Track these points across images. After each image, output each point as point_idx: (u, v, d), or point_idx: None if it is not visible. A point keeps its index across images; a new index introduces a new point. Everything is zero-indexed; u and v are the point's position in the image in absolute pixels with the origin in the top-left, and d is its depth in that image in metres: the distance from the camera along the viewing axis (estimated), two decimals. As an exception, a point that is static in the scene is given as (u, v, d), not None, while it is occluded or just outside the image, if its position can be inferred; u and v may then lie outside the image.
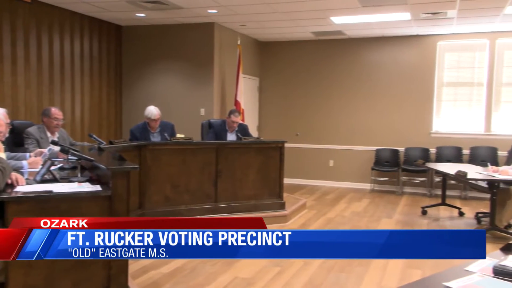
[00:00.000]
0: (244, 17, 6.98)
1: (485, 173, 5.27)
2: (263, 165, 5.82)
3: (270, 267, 4.11)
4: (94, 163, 3.16)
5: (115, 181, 2.74)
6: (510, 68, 7.73)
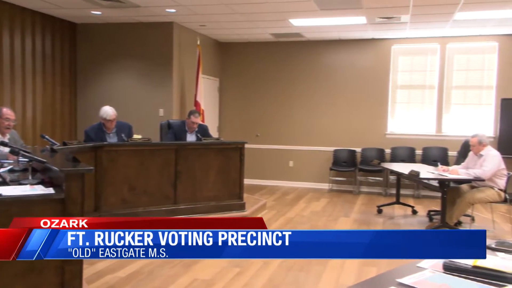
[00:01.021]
0: (203, 17, 6.95)
1: (436, 173, 5.50)
2: (223, 166, 5.81)
3: (230, 268, 4.10)
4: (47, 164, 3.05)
5: (68, 183, 2.65)
6: (459, 71, 8.10)
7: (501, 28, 7.27)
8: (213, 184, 5.74)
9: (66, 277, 2.65)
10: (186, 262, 4.25)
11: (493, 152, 5.37)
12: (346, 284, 3.71)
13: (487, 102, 7.95)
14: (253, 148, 8.89)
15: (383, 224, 5.97)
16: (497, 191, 5.30)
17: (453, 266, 1.90)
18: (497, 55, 7.82)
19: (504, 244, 2.24)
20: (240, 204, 5.90)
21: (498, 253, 2.16)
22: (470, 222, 5.99)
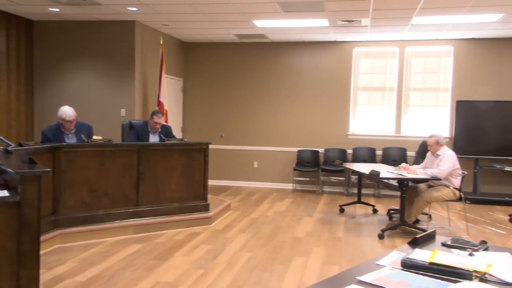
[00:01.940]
0: (166, 16, 6.86)
1: (396, 172, 5.66)
2: (187, 167, 5.76)
3: (193, 270, 4.07)
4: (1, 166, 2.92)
5: (24, 186, 2.56)
6: (417, 74, 8.37)
7: (456, 32, 7.57)
8: (176, 186, 5.68)
9: (22, 282, 2.56)
10: (148, 265, 4.19)
11: (449, 152, 5.58)
12: (309, 283, 3.75)
13: (443, 104, 8.26)
14: (218, 149, 8.87)
15: (345, 223, 6.09)
16: (452, 190, 5.51)
17: (411, 263, 1.96)
18: (452, 59, 8.14)
19: (459, 241, 2.33)
20: (204, 206, 5.86)
21: (453, 249, 2.25)
22: (427, 220, 6.20)
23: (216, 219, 5.98)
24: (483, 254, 2.17)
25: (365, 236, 5.47)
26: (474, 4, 5.72)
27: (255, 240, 5.16)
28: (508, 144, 7.62)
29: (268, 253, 4.65)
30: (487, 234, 5.62)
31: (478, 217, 6.59)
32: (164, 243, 4.92)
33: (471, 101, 7.80)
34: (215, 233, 5.39)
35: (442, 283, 1.78)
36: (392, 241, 5.23)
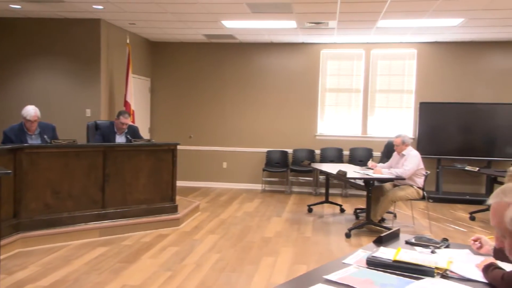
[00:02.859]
0: (132, 15, 6.75)
1: (362, 172, 5.77)
2: (155, 168, 5.68)
3: (161, 272, 4.02)
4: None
5: (-18, 189, 2.45)
6: (382, 76, 8.56)
7: (419, 36, 7.79)
8: (144, 187, 5.59)
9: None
10: (114, 268, 4.10)
11: (414, 152, 5.74)
12: (277, 283, 3.77)
13: (407, 106, 8.48)
14: (186, 150, 8.80)
15: (313, 222, 6.15)
16: (416, 189, 5.67)
17: (376, 261, 2.00)
18: (416, 61, 8.37)
19: (421, 239, 2.40)
20: (172, 207, 5.80)
21: (416, 247, 2.31)
22: (392, 219, 6.35)
23: (185, 221, 5.93)
24: (444, 251, 2.24)
25: (332, 235, 5.54)
26: (436, 9, 5.90)
27: (224, 241, 5.14)
28: (469, 145, 7.90)
29: (237, 254, 4.64)
30: (448, 231, 5.80)
31: (440, 215, 6.81)
32: (131, 246, 4.83)
33: (433, 103, 8.04)
34: (183, 235, 5.34)
35: (406, 280, 1.83)
36: (358, 240, 5.32)
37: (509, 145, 7.76)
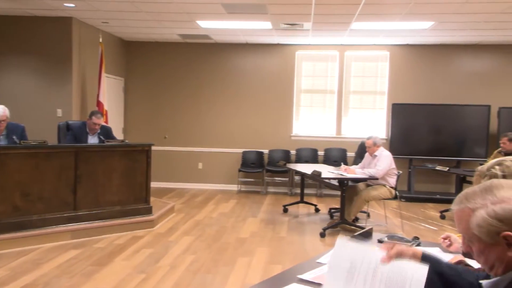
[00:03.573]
0: (105, 14, 6.63)
1: (337, 172, 5.84)
2: (129, 169, 5.60)
3: (134, 275, 3.96)
4: None
5: None
6: (356, 77, 8.69)
7: (391, 38, 7.94)
8: (117, 188, 5.50)
9: None
10: (86, 271, 4.02)
11: (386, 153, 5.84)
12: (252, 283, 3.77)
13: (380, 107, 8.63)
14: (161, 150, 8.71)
15: (288, 222, 6.19)
16: (388, 189, 5.77)
17: (349, 260, 2.02)
18: (388, 63, 8.53)
19: (393, 237, 2.45)
20: (146, 208, 5.73)
21: (388, 245, 2.35)
22: (366, 218, 6.45)
23: (159, 222, 5.87)
24: (415, 249, 2.29)
25: (307, 235, 5.59)
26: (408, 12, 6.03)
27: (199, 242, 5.11)
28: (439, 145, 8.10)
29: (212, 255, 4.62)
30: (420, 230, 5.93)
31: (412, 214, 6.95)
32: (103, 248, 4.75)
33: (405, 104, 8.21)
34: (157, 237, 5.29)
35: (378, 278, 1.86)
36: (333, 239, 5.38)
37: (478, 146, 7.99)
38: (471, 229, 1.19)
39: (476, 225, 1.17)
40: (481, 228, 1.16)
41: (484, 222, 1.15)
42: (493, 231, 1.14)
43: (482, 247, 1.18)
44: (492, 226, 1.13)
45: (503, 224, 1.12)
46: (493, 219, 1.14)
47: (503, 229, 1.13)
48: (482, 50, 8.31)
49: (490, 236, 1.15)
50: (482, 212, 1.16)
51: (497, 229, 1.13)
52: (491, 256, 1.18)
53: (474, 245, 1.21)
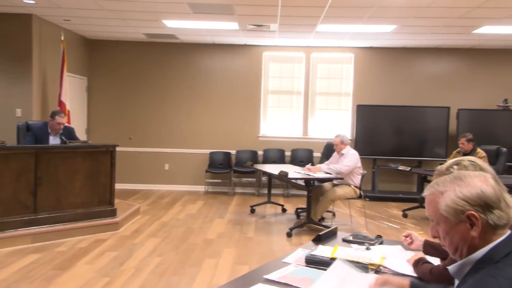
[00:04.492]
0: (67, 11, 6.45)
1: (303, 172, 5.91)
2: (92, 170, 5.47)
3: (98, 279, 3.87)
4: None
5: None
6: (322, 79, 8.81)
7: (356, 41, 8.11)
8: (80, 190, 5.36)
9: None
10: (47, 275, 3.90)
11: (352, 151, 5.97)
12: (219, 284, 3.76)
13: (345, 108, 8.78)
14: (126, 151, 8.56)
15: (255, 223, 6.20)
16: (353, 188, 5.88)
17: (314, 259, 2.06)
18: (353, 65, 8.70)
19: (357, 236, 2.50)
20: (110, 211, 5.61)
21: (352, 244, 2.40)
22: (331, 217, 6.55)
23: (124, 225, 5.76)
24: (378, 248, 2.35)
25: (274, 235, 5.62)
26: (371, 16, 6.17)
27: (165, 244, 5.05)
28: (402, 146, 8.33)
29: (179, 257, 4.58)
30: (383, 228, 6.08)
31: (376, 213, 7.11)
32: (65, 252, 4.62)
33: (369, 105, 8.39)
34: (122, 239, 5.18)
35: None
36: (299, 239, 5.44)
37: (438, 146, 8.27)
38: (439, 210, 1.30)
39: (444, 205, 1.28)
40: (448, 207, 1.27)
41: (452, 202, 1.27)
42: (459, 210, 1.25)
43: (448, 227, 1.29)
44: (458, 206, 1.25)
45: (468, 204, 1.24)
46: (460, 199, 1.26)
47: (468, 208, 1.24)
48: (441, 53, 8.61)
49: (456, 215, 1.26)
50: (450, 193, 1.28)
51: (463, 208, 1.25)
52: (456, 236, 1.28)
53: (441, 226, 1.31)
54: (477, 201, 1.24)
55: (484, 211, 1.24)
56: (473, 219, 1.24)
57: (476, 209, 1.24)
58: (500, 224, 1.25)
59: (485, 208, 1.24)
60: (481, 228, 1.24)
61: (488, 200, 1.25)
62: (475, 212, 1.24)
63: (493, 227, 1.25)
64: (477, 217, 1.24)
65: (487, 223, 1.24)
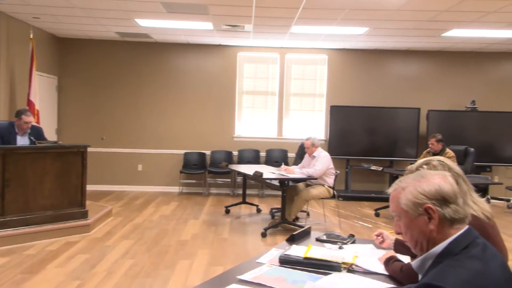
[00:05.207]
0: (36, 8, 6.29)
1: (277, 173, 5.93)
2: (63, 171, 5.34)
3: (68, 282, 3.78)
4: None
5: None
6: (296, 80, 8.87)
7: (329, 42, 8.20)
8: (50, 192, 5.23)
9: None
10: (15, 280, 3.79)
11: (324, 153, 6.02)
12: (193, 285, 3.73)
13: (319, 109, 8.87)
14: (98, 152, 8.41)
15: (230, 224, 6.19)
16: (327, 188, 5.95)
17: (288, 259, 2.07)
18: (327, 67, 8.80)
19: (330, 235, 2.52)
20: (82, 212, 5.49)
21: (325, 244, 2.42)
22: (306, 217, 6.60)
23: (96, 227, 5.65)
24: (351, 247, 2.38)
25: (249, 235, 5.62)
26: (344, 18, 6.25)
27: (138, 246, 4.98)
28: (374, 146, 8.47)
29: (152, 259, 4.52)
30: (356, 228, 6.17)
31: (349, 212, 7.21)
32: (34, 255, 4.49)
33: (343, 106, 8.50)
34: (94, 241, 5.08)
35: (315, 276, 1.91)
36: (274, 239, 5.46)
37: (409, 146, 8.44)
38: (400, 204, 1.38)
39: (405, 199, 1.36)
40: (408, 201, 1.35)
41: (412, 195, 1.35)
42: (417, 204, 1.34)
43: (408, 221, 1.37)
44: (418, 199, 1.34)
45: (426, 198, 1.33)
46: (419, 193, 1.34)
47: (425, 202, 1.33)
48: (412, 56, 8.80)
49: (415, 208, 1.34)
50: (411, 188, 1.37)
51: (421, 201, 1.33)
52: (415, 230, 1.36)
53: (402, 221, 1.39)
54: (435, 195, 1.32)
55: (441, 205, 1.32)
56: (431, 212, 1.32)
57: (433, 202, 1.32)
58: (456, 218, 1.32)
59: (442, 202, 1.32)
60: (438, 221, 1.32)
61: (445, 195, 1.32)
62: (432, 205, 1.32)
63: (450, 220, 1.32)
64: (434, 210, 1.31)
65: (444, 217, 1.32)
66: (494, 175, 8.60)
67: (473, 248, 1.28)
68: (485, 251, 1.29)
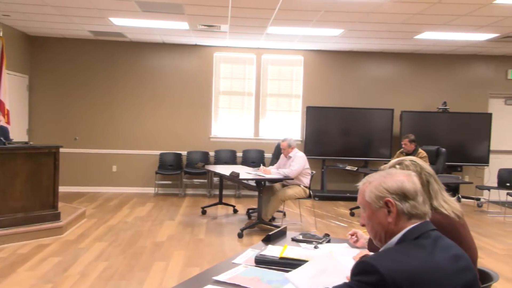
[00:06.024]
0: (6, 6, 6.11)
1: (254, 173, 5.94)
2: (34, 172, 5.22)
3: (40, 285, 3.70)
4: None
5: None
6: (273, 80, 8.90)
7: (305, 43, 8.26)
8: (20, 194, 5.10)
9: None
10: (-16, 286, 3.67)
11: (300, 154, 6.06)
12: (168, 286, 3.71)
13: (295, 109, 8.93)
14: (71, 153, 8.25)
15: (206, 224, 6.16)
16: (303, 188, 5.99)
17: (263, 259, 2.07)
18: (303, 68, 8.86)
19: (306, 235, 2.54)
20: (54, 214, 5.37)
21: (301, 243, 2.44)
22: (282, 217, 6.63)
23: (68, 229, 5.53)
24: (326, 246, 2.40)
25: (225, 236, 5.61)
26: (319, 19, 6.31)
27: (112, 248, 4.90)
28: (349, 146, 8.58)
29: (127, 261, 4.46)
30: (331, 227, 6.23)
31: (325, 212, 7.28)
32: (4, 258, 4.37)
33: (318, 107, 8.58)
34: (66, 244, 4.98)
35: (291, 275, 1.92)
36: (250, 239, 5.46)
37: (383, 147, 8.58)
38: (365, 197, 1.48)
39: (369, 192, 1.47)
40: (371, 193, 1.47)
41: (375, 189, 1.46)
42: (379, 197, 1.45)
43: (370, 213, 1.48)
44: (380, 193, 1.45)
45: (388, 192, 1.44)
46: (382, 187, 1.45)
47: (386, 195, 1.43)
48: (386, 57, 8.95)
49: (377, 201, 1.45)
50: (376, 183, 1.47)
51: (382, 195, 1.44)
52: (375, 222, 1.46)
53: (366, 213, 1.49)
54: (396, 190, 1.43)
55: (401, 200, 1.42)
56: (390, 205, 1.42)
57: (393, 197, 1.43)
58: (414, 214, 1.42)
59: (402, 197, 1.42)
60: (396, 214, 1.42)
61: (406, 191, 1.43)
62: (392, 199, 1.42)
63: (407, 215, 1.42)
64: (393, 204, 1.42)
65: (402, 211, 1.42)
66: (465, 174, 8.84)
67: (423, 239, 1.38)
68: (436, 242, 1.38)
